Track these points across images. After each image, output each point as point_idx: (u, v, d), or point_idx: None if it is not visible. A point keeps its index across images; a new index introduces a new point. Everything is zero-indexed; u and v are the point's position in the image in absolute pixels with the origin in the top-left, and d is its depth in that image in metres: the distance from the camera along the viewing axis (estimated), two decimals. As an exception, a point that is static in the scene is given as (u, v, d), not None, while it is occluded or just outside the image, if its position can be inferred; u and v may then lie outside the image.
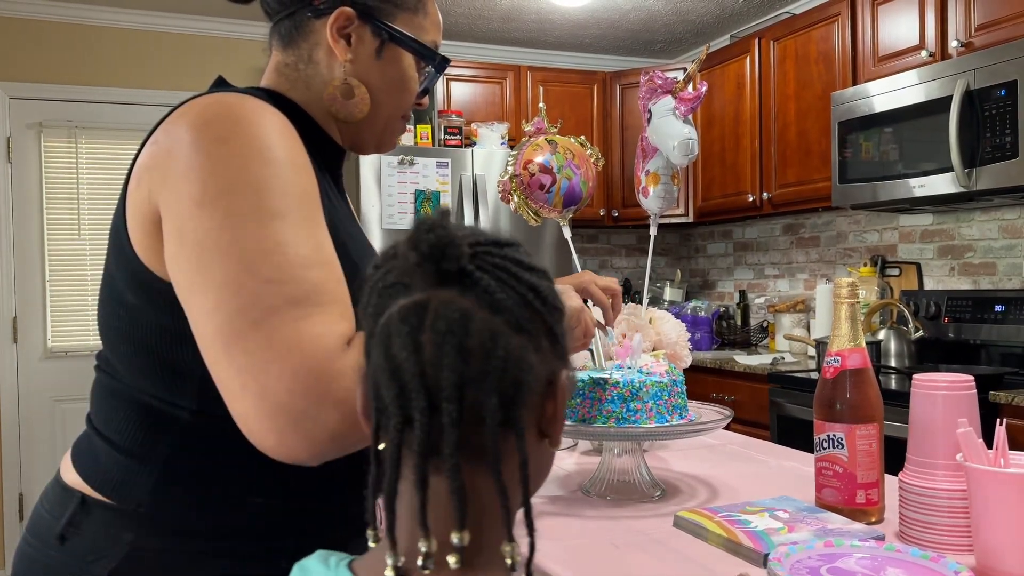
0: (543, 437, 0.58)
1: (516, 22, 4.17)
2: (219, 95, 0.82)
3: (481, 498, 0.54)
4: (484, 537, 0.54)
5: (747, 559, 0.96)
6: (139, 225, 0.80)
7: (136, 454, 0.83)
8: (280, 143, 0.79)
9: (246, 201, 0.74)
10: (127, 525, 0.82)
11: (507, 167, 1.49)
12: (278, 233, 0.74)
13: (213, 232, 0.73)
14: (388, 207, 3.68)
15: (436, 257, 0.53)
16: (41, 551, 0.85)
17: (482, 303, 0.53)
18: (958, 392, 0.96)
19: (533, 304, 0.55)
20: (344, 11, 0.91)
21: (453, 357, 0.51)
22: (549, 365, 0.56)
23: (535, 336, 0.55)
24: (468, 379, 0.51)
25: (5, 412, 3.77)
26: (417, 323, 0.52)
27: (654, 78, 1.45)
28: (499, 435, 0.52)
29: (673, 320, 1.57)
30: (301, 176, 0.79)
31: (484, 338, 0.52)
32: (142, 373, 0.83)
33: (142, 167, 0.81)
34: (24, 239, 3.81)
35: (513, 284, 0.54)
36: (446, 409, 0.51)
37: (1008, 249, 2.99)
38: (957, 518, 0.94)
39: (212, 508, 0.83)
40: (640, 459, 1.27)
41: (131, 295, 0.82)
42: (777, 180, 3.60)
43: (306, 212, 0.78)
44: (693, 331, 4.01)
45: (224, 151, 0.76)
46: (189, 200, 0.74)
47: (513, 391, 0.52)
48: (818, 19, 3.35)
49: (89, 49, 3.92)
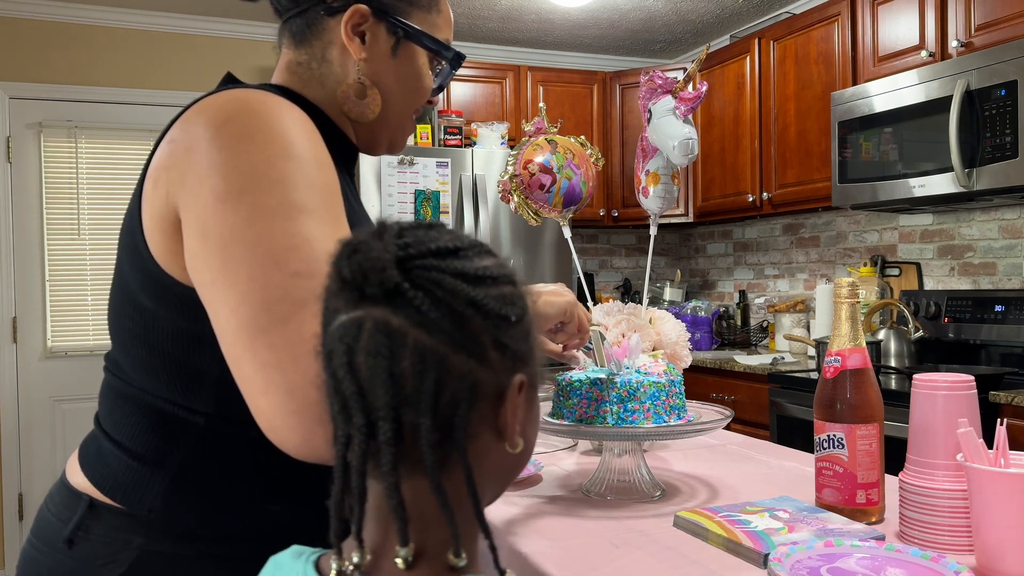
0: (501, 439, 0.57)
1: (516, 22, 4.17)
2: (237, 92, 0.80)
3: (421, 507, 0.54)
4: (426, 542, 0.54)
5: (747, 559, 0.96)
6: (156, 227, 0.79)
7: (148, 459, 0.81)
8: (303, 139, 0.78)
9: (271, 196, 0.73)
10: (137, 529, 0.81)
11: (507, 167, 1.49)
12: (305, 228, 0.73)
13: (238, 227, 0.71)
14: (388, 207, 3.68)
15: (358, 283, 0.52)
16: (48, 555, 0.84)
17: (414, 322, 0.52)
18: (958, 392, 0.96)
19: (473, 320, 0.53)
20: (359, 8, 0.90)
21: (384, 380, 0.51)
22: (498, 376, 0.55)
23: (478, 351, 0.53)
24: (402, 402, 0.51)
25: (5, 412, 3.77)
26: (352, 343, 0.51)
27: (654, 78, 1.45)
28: (439, 453, 0.52)
29: (673, 320, 1.57)
30: (325, 172, 0.78)
31: (415, 360, 0.51)
32: (156, 377, 0.82)
33: (159, 167, 0.79)
34: (24, 239, 3.81)
35: (449, 301, 0.53)
36: (382, 428, 0.51)
37: (1008, 249, 2.99)
38: (957, 518, 0.94)
39: (224, 514, 0.82)
40: (640, 459, 1.27)
41: (146, 298, 0.81)
42: (777, 180, 3.60)
43: (331, 209, 0.77)
44: (693, 331, 4.02)
45: (247, 147, 0.74)
46: (212, 196, 0.73)
47: (451, 410, 0.52)
48: (818, 19, 3.35)
49: (89, 49, 3.92)
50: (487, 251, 0.58)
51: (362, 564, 0.53)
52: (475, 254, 0.56)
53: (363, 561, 0.53)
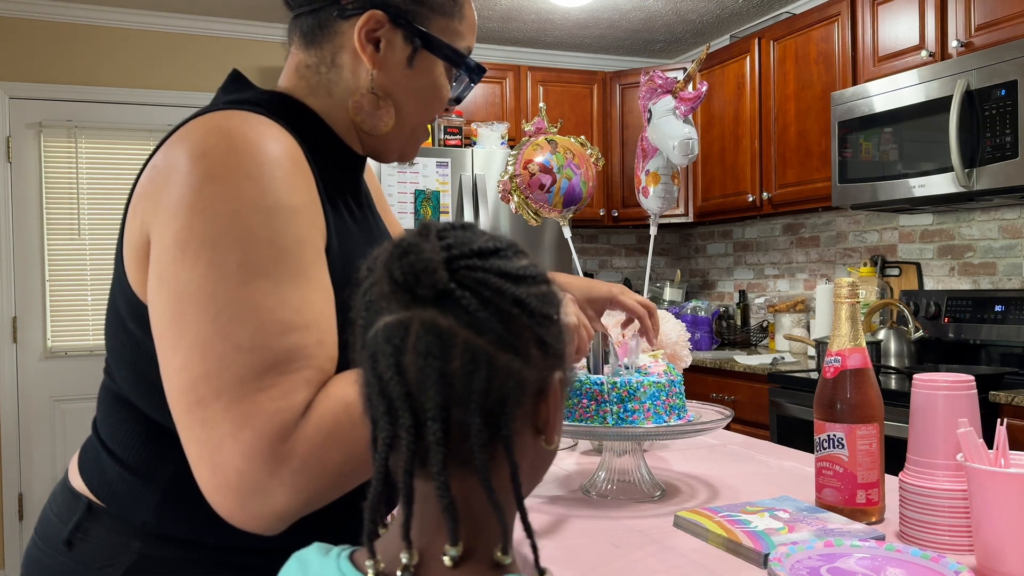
0: (539, 435, 0.58)
1: (516, 22, 4.17)
2: (222, 118, 0.77)
3: (470, 505, 0.55)
4: (475, 541, 0.55)
5: (747, 559, 0.96)
6: (134, 256, 0.78)
7: (140, 472, 0.81)
8: (279, 182, 0.75)
9: (231, 255, 0.71)
10: (135, 534, 0.81)
11: (507, 167, 1.49)
12: (258, 294, 0.71)
13: (193, 284, 0.70)
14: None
15: (410, 284, 0.53)
16: (50, 555, 0.84)
17: (464, 323, 0.52)
18: (958, 392, 0.96)
19: (519, 318, 0.54)
20: (375, 14, 0.84)
21: (435, 380, 0.51)
22: (540, 373, 0.56)
23: (522, 349, 0.54)
24: (452, 401, 0.52)
25: (5, 412, 3.77)
26: (400, 344, 0.52)
27: (654, 78, 1.45)
28: (487, 450, 0.52)
29: (673, 320, 1.57)
30: (295, 222, 0.75)
31: (466, 361, 0.52)
32: (144, 398, 0.82)
33: (139, 194, 0.78)
34: (24, 239, 3.81)
35: (496, 300, 0.53)
36: (431, 428, 0.51)
37: (1008, 249, 2.99)
38: (957, 518, 0.94)
39: (217, 528, 0.80)
40: (640, 459, 1.27)
41: (132, 324, 0.81)
42: (777, 180, 3.60)
43: (295, 267, 0.74)
44: (693, 331, 4.02)
45: (216, 192, 0.72)
46: (173, 241, 0.72)
47: (499, 408, 0.53)
48: (818, 19, 3.35)
49: (89, 49, 3.92)
50: (522, 251, 0.58)
51: (411, 564, 0.53)
52: (513, 254, 0.57)
53: (411, 561, 0.53)
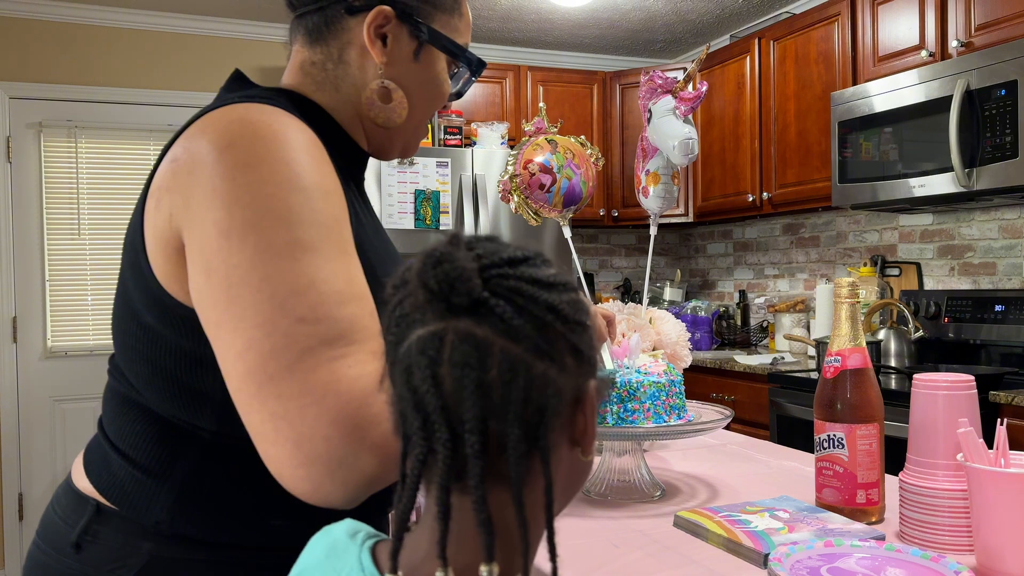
0: (576, 446, 0.57)
1: (516, 22, 4.17)
2: (241, 110, 0.77)
3: (504, 520, 0.53)
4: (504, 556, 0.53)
5: (747, 559, 0.96)
6: (160, 250, 0.77)
7: (153, 471, 0.80)
8: (309, 166, 0.76)
9: (276, 235, 0.71)
10: (146, 535, 0.80)
11: (507, 167, 1.49)
12: (311, 268, 0.71)
13: (243, 268, 0.70)
14: (388, 207, 3.68)
15: (445, 293, 0.51)
16: (55, 559, 0.83)
17: (499, 331, 0.51)
18: (958, 392, 0.96)
19: (553, 326, 0.53)
20: (383, 10, 0.87)
21: (473, 391, 0.50)
22: (575, 381, 0.54)
23: (558, 357, 0.53)
24: (490, 412, 0.50)
25: (5, 412, 3.77)
26: (435, 355, 0.50)
27: (654, 78, 1.45)
28: (524, 462, 0.51)
29: (673, 320, 1.57)
30: (331, 202, 0.76)
31: (503, 370, 0.50)
32: (160, 394, 0.81)
33: (161, 187, 0.77)
34: (24, 239, 3.81)
35: (531, 308, 0.52)
36: (469, 441, 0.50)
37: (1008, 249, 2.99)
38: (957, 518, 0.94)
39: (231, 527, 0.81)
40: (640, 459, 1.27)
41: (150, 316, 0.80)
42: (777, 180, 3.60)
43: (338, 243, 0.75)
44: (693, 331, 4.02)
45: (251, 178, 0.72)
46: (216, 231, 0.71)
47: (537, 418, 0.51)
48: (818, 19, 3.35)
49: (89, 49, 3.92)
50: (547, 260, 0.58)
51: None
52: (541, 262, 0.57)
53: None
